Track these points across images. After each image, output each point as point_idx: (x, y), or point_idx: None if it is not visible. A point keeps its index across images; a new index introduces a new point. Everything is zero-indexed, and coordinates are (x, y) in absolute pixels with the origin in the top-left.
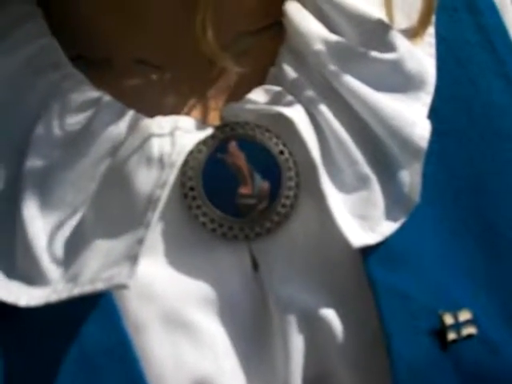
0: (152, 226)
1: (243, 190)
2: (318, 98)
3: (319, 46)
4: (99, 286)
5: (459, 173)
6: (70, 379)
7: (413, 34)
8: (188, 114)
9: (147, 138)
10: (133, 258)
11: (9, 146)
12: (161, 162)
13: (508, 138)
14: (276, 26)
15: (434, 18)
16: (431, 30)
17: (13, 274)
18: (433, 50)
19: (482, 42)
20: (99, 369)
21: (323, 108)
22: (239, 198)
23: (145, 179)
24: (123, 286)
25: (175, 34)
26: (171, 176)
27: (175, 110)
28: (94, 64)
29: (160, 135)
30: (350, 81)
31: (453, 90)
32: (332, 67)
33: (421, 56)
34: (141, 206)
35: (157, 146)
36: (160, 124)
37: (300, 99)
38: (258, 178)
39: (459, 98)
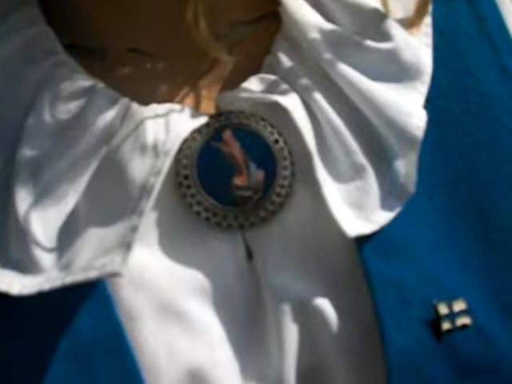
0: (145, 214)
1: (239, 182)
2: (314, 87)
3: (315, 35)
4: (92, 274)
5: (455, 163)
6: (63, 368)
7: (409, 23)
8: (182, 102)
9: (141, 125)
10: (126, 246)
11: (2, 135)
12: (155, 150)
13: (503, 129)
14: (272, 16)
15: (430, 8)
16: (428, 20)
17: (6, 262)
18: (429, 40)
19: (479, 32)
20: (92, 358)
21: (318, 96)
22: (235, 190)
23: (139, 167)
24: (116, 274)
25: (169, 23)
26: (165, 164)
27: (169, 99)
28: (88, 52)
29: (154, 123)
30: (346, 70)
31: (449, 80)
32: (327, 56)
33: (417, 46)
34: (135, 194)
35: (151, 133)
36: (154, 112)
37: (295, 88)
38: (253, 168)
39: (456, 88)
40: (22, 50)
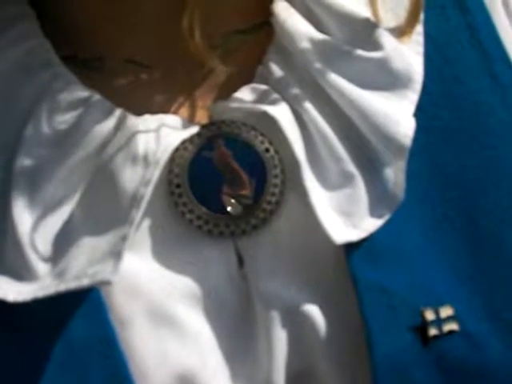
0: (135, 224)
1: (245, 192)
2: (304, 96)
3: (305, 45)
4: (84, 282)
5: (445, 169)
6: (56, 374)
7: (401, 32)
8: (176, 112)
9: (133, 136)
10: (117, 255)
11: (0, 145)
12: (145, 160)
13: (494, 136)
14: (266, 26)
15: (422, 16)
16: (419, 29)
17: (2, 269)
18: (421, 49)
19: (471, 40)
20: (85, 362)
21: (308, 106)
22: (240, 200)
23: (130, 177)
24: (107, 282)
25: (164, 34)
26: (155, 174)
27: (164, 109)
28: (86, 64)
29: (146, 133)
30: (336, 79)
31: (441, 88)
32: (318, 65)
33: (408, 54)
34: (126, 204)
35: (142, 143)
36: (146, 122)
37: (285, 97)
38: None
39: (447, 96)
40: (20, 62)
